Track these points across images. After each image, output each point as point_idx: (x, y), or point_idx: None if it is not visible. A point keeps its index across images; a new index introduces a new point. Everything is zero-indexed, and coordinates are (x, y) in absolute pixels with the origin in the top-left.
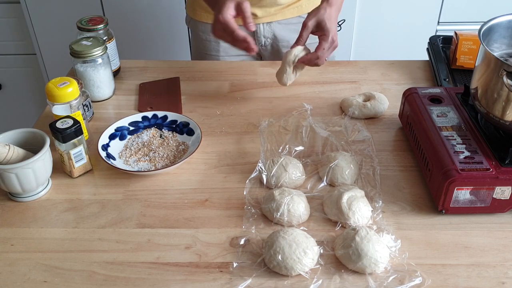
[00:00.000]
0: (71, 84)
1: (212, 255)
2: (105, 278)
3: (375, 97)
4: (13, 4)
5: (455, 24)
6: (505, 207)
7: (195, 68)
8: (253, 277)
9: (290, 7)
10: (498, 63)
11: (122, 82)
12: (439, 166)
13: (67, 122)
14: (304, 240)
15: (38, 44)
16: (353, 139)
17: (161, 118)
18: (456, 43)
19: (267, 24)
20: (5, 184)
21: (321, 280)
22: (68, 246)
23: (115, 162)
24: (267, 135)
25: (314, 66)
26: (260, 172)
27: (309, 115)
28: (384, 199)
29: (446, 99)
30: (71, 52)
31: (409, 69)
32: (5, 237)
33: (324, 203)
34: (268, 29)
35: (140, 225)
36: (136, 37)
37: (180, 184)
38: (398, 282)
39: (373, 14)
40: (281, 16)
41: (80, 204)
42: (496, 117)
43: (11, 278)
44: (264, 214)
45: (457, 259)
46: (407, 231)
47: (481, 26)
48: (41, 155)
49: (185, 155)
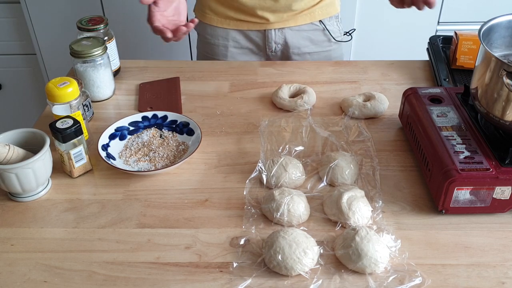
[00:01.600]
0: (71, 84)
1: (212, 255)
2: (105, 278)
3: (375, 97)
4: (13, 4)
5: (455, 24)
6: (505, 207)
7: (195, 68)
8: (253, 277)
9: (303, 13)
10: (498, 63)
11: (122, 82)
12: (439, 166)
13: (67, 122)
14: (304, 240)
15: (38, 44)
16: (353, 139)
17: (161, 118)
18: (456, 43)
19: (278, 30)
20: (5, 184)
21: (321, 280)
22: (68, 246)
23: (115, 162)
24: (267, 135)
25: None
26: (260, 172)
27: (309, 115)
28: (384, 199)
29: (446, 99)
30: (71, 52)
31: (409, 69)
32: (5, 237)
33: (324, 203)
34: (279, 35)
35: (140, 225)
36: (136, 37)
37: (180, 184)
38: (398, 282)
39: (373, 14)
40: (293, 22)
41: (80, 204)
42: (496, 117)
43: (11, 278)
44: (264, 214)
45: (457, 259)
46: (407, 231)
47: (481, 26)
48: (41, 155)
49: (185, 155)
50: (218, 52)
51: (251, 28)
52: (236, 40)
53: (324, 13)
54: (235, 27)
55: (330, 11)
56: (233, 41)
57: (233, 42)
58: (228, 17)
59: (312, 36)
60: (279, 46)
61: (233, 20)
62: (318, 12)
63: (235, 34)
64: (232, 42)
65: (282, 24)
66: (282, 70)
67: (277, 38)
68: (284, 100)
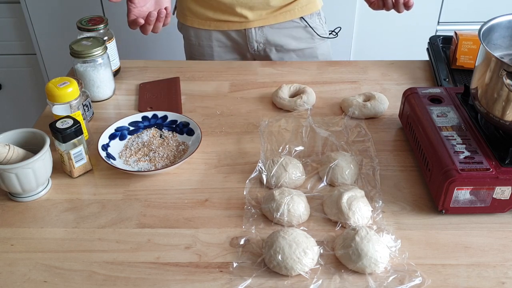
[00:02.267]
0: (71, 84)
1: (212, 255)
2: (105, 278)
3: (375, 97)
4: (13, 4)
5: (455, 24)
6: (505, 207)
7: (195, 68)
8: (253, 277)
9: (282, 10)
10: (498, 63)
11: (122, 82)
12: (439, 166)
13: (67, 122)
14: (304, 240)
15: (38, 44)
16: (353, 139)
17: (161, 118)
18: (456, 43)
19: (258, 28)
20: (5, 184)
21: (321, 280)
22: (68, 246)
23: (115, 162)
24: (267, 135)
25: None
26: (260, 172)
27: (309, 115)
28: (384, 199)
29: (446, 99)
30: (71, 52)
31: (409, 69)
32: (5, 237)
33: (324, 203)
34: (260, 34)
35: (140, 225)
36: (136, 37)
37: (180, 184)
38: (398, 282)
39: (373, 14)
40: (273, 20)
41: (80, 204)
42: (496, 117)
43: (11, 278)
44: (264, 214)
45: (457, 259)
46: (407, 231)
47: (481, 26)
48: (41, 155)
49: (185, 155)
50: (204, 52)
51: (231, 28)
52: (219, 40)
53: (304, 10)
54: (216, 28)
55: (311, 7)
56: (216, 41)
57: (217, 42)
58: (208, 18)
59: (294, 33)
60: (261, 45)
61: (214, 21)
62: (297, 9)
63: (217, 35)
64: (216, 42)
65: (261, 22)
66: (282, 70)
67: (257, 37)
68: (284, 100)
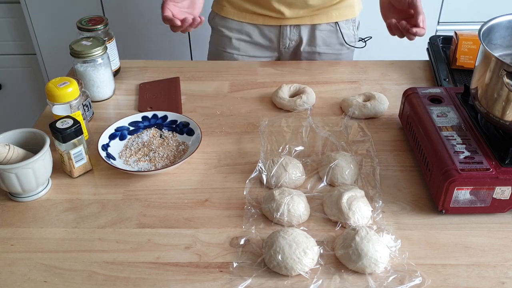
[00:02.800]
0: (71, 84)
1: (212, 255)
2: (105, 278)
3: (375, 97)
4: (13, 4)
5: (455, 24)
6: (505, 207)
7: (195, 68)
8: (253, 277)
9: (319, 11)
10: (498, 63)
11: (122, 82)
12: (439, 166)
13: (67, 122)
14: (304, 240)
15: (38, 44)
16: (353, 139)
17: (161, 118)
18: (456, 43)
19: (294, 26)
20: (5, 184)
21: (321, 280)
22: (68, 246)
23: (115, 162)
24: (267, 135)
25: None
26: (260, 172)
27: (309, 115)
28: (384, 199)
29: (446, 99)
30: (71, 52)
31: (409, 69)
32: (5, 237)
33: (324, 203)
34: (294, 32)
35: (140, 225)
36: (136, 37)
37: (180, 184)
38: (398, 282)
39: (373, 14)
40: (309, 20)
41: (80, 204)
42: (496, 117)
43: (11, 278)
44: (264, 214)
45: (457, 259)
46: (407, 231)
47: (481, 26)
48: (41, 155)
49: (185, 155)
50: (230, 45)
51: (266, 23)
52: (249, 34)
53: (341, 15)
54: (250, 20)
55: (347, 13)
56: (246, 35)
57: (247, 37)
58: (244, 9)
59: (326, 37)
60: (292, 43)
61: (249, 13)
62: (334, 13)
63: (249, 29)
64: (245, 36)
65: (297, 21)
66: (282, 70)
67: (291, 35)
68: (284, 100)
